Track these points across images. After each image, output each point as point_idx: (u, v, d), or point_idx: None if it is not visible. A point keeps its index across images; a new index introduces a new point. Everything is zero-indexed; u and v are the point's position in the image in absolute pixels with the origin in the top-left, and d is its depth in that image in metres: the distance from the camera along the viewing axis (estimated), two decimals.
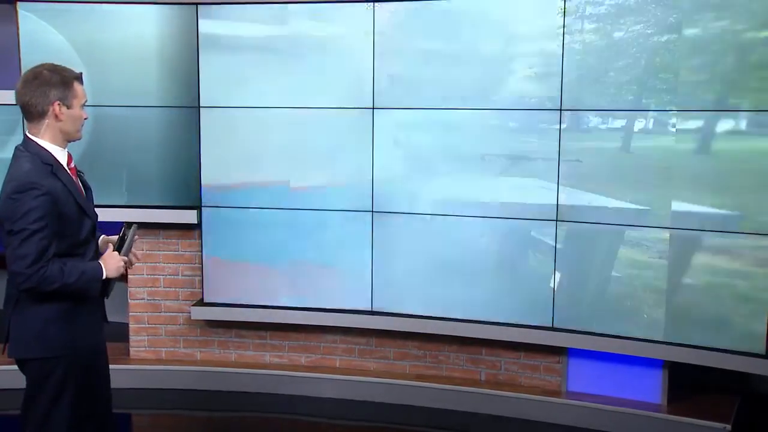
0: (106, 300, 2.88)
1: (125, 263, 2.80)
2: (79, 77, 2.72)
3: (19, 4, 4.45)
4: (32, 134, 2.68)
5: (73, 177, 2.74)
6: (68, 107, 2.66)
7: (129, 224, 2.88)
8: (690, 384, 4.37)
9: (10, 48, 4.52)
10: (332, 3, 4.40)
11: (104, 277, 2.70)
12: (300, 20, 4.44)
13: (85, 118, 2.76)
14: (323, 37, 4.44)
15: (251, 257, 4.68)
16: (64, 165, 2.71)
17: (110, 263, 2.72)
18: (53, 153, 2.68)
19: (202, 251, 4.72)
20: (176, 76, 4.59)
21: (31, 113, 2.66)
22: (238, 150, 4.59)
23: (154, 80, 4.58)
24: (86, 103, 2.76)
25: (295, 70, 4.47)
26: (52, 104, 2.64)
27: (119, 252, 2.79)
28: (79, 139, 2.78)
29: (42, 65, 2.70)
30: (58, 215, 2.60)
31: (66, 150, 2.74)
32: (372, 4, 4.33)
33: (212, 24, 4.50)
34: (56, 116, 2.65)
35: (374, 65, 4.38)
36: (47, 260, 2.56)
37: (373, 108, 4.42)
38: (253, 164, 4.61)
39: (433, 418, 4.45)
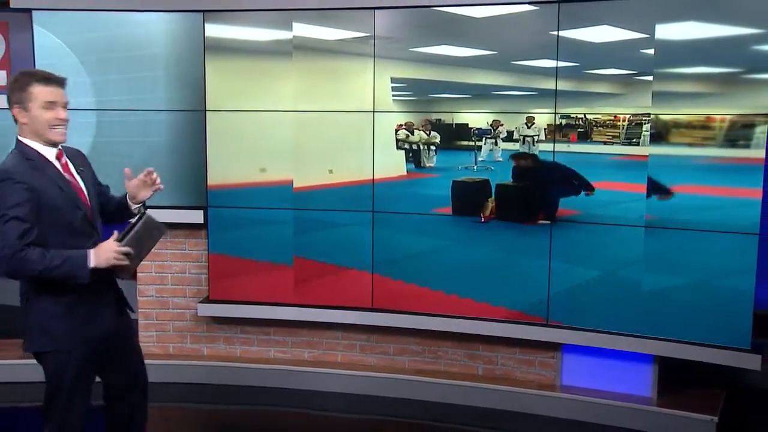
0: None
1: (121, 254, 2.74)
2: (41, 79, 2.79)
3: (34, 12, 4.57)
4: (18, 135, 2.84)
5: (64, 172, 2.84)
6: (26, 110, 2.78)
7: (142, 213, 2.85)
8: (679, 378, 4.45)
9: (26, 55, 4.64)
10: (335, 9, 4.50)
11: (91, 265, 2.71)
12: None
13: (62, 119, 2.79)
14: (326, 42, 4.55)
15: (256, 256, 4.78)
16: (51, 160, 2.82)
17: (101, 252, 2.73)
18: (37, 149, 2.81)
19: (208, 250, 4.82)
20: (183, 80, 4.68)
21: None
22: (243, 152, 4.70)
23: (161, 84, 4.68)
24: (53, 104, 2.78)
25: (298, 74, 4.59)
26: (12, 109, 2.80)
27: (121, 241, 2.77)
28: (60, 141, 2.84)
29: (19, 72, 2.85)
30: (41, 205, 2.70)
31: (55, 148, 2.84)
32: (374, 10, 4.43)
33: (218, 29, 4.60)
34: (17, 119, 2.80)
35: (374, 69, 4.49)
36: (27, 244, 2.64)
37: (374, 111, 4.53)
38: (258, 165, 4.71)
39: (431, 411, 4.52)
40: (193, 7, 4.60)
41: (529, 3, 4.19)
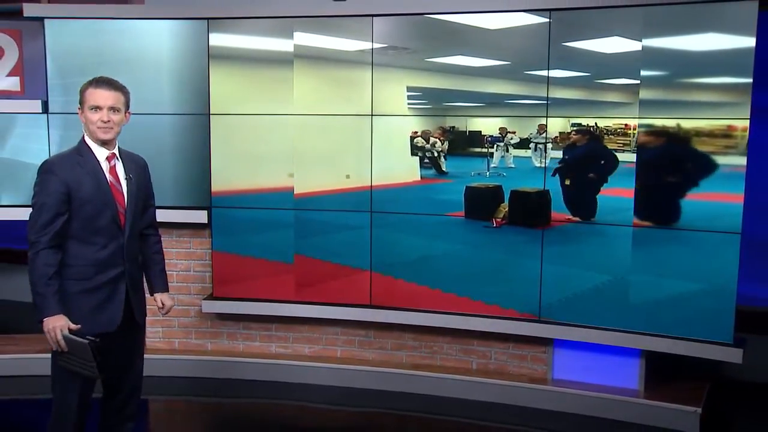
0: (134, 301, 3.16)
1: (56, 338, 2.86)
2: (93, 83, 3.04)
3: (46, 21, 4.73)
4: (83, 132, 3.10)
5: (109, 173, 3.05)
6: (82, 111, 3.05)
7: (90, 342, 2.87)
8: (665, 371, 4.57)
9: (38, 62, 4.79)
10: (334, 17, 4.62)
11: (44, 319, 2.86)
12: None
13: (103, 120, 2.99)
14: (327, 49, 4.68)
15: (258, 254, 4.89)
16: (99, 159, 3.04)
17: (53, 321, 2.86)
18: (90, 147, 3.05)
19: (212, 249, 4.95)
20: (188, 85, 4.80)
21: None
22: (246, 154, 4.82)
23: (167, 89, 4.80)
24: (98, 107, 2.99)
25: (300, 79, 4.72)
26: (78, 109, 3.06)
27: (68, 334, 2.87)
28: (104, 138, 3.03)
29: None
30: (72, 198, 2.94)
31: (107, 149, 3.06)
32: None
33: (222, 37, 4.73)
34: (81, 120, 3.07)
35: (372, 75, 4.62)
36: (49, 234, 2.87)
37: (372, 115, 4.67)
38: (259, 167, 4.83)
39: (427, 404, 4.62)
40: (198, 15, 4.74)
41: (523, 11, 4.32)
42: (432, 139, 4.64)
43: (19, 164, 4.90)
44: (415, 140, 4.66)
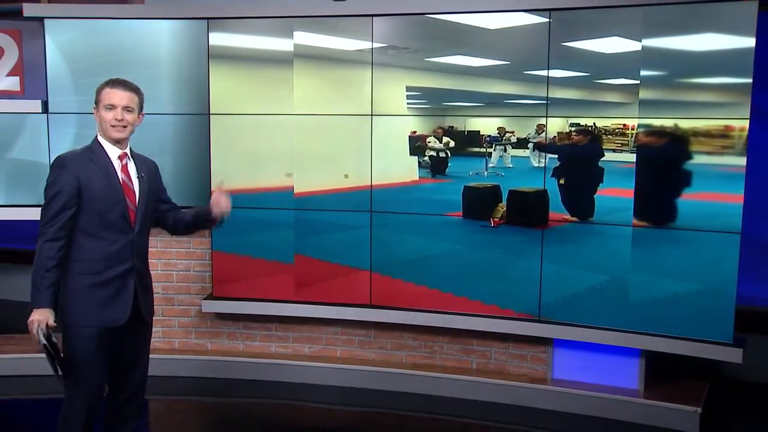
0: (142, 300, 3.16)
1: (34, 331, 2.87)
2: (108, 84, 3.11)
3: (46, 21, 4.74)
4: (97, 131, 3.16)
5: (121, 171, 3.09)
6: (97, 110, 3.11)
7: (48, 345, 2.86)
8: (665, 371, 4.57)
9: (38, 62, 4.80)
10: (334, 17, 4.64)
11: (30, 309, 2.90)
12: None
13: (117, 119, 3.05)
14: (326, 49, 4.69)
15: (258, 254, 4.91)
16: (111, 157, 3.10)
17: (34, 315, 2.88)
18: (103, 145, 3.11)
19: (212, 248, 4.96)
20: (188, 85, 4.82)
21: None
22: (245, 154, 4.84)
23: (167, 89, 4.82)
24: (113, 106, 3.05)
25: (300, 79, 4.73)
26: (93, 109, 3.13)
27: (42, 330, 2.86)
28: (115, 139, 3.09)
29: None
30: (83, 193, 2.99)
31: (119, 148, 3.11)
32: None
33: (222, 37, 4.75)
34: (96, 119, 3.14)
35: (372, 75, 4.63)
36: (56, 225, 2.93)
37: (372, 115, 4.68)
38: (259, 167, 4.85)
39: (427, 404, 4.63)
40: (198, 15, 4.75)
41: (523, 11, 4.33)
42: (445, 139, 4.64)
43: (20, 164, 4.91)
44: (428, 139, 4.66)
